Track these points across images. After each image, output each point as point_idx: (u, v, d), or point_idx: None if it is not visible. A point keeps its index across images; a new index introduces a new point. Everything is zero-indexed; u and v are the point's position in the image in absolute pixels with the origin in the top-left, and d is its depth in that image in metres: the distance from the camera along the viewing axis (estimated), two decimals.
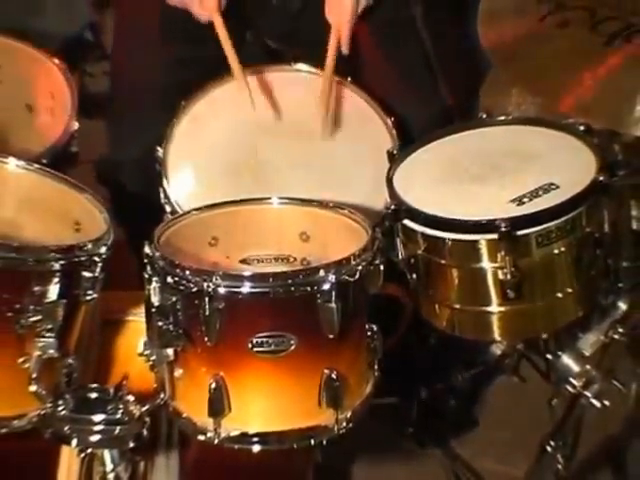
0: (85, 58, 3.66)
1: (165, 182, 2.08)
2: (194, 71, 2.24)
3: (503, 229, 1.69)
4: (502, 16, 1.88)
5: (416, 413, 2.61)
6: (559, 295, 1.80)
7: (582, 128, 1.87)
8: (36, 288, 1.55)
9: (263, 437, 1.63)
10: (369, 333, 1.69)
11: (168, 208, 2.06)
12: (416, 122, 2.24)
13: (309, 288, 1.56)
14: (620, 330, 1.95)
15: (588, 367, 2.02)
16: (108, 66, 2.91)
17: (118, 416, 1.63)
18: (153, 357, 1.63)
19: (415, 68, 2.34)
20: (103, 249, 1.66)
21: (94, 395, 1.65)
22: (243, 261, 1.81)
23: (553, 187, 1.77)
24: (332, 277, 1.56)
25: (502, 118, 2.03)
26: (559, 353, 2.05)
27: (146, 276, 1.60)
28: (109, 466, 1.74)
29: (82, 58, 3.62)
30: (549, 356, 2.08)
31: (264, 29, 2.42)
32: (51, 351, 1.55)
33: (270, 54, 2.42)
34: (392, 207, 1.83)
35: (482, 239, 1.74)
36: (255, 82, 2.19)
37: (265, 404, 1.63)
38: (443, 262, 1.80)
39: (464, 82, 2.71)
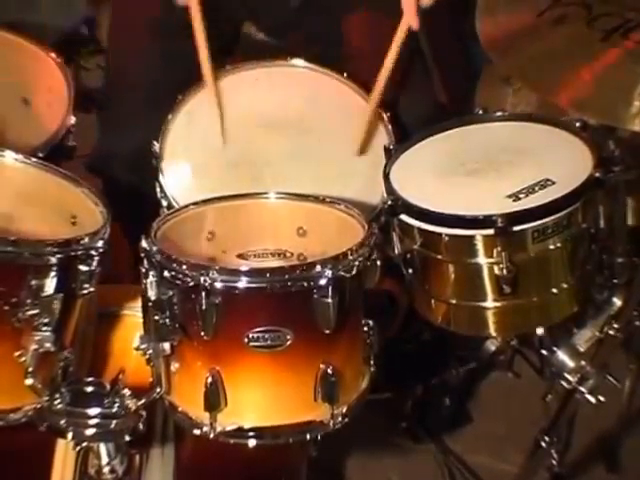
0: (80, 52, 3.66)
1: (161, 176, 2.08)
2: (191, 66, 2.23)
3: (499, 225, 1.69)
4: (499, 11, 1.88)
5: (410, 408, 2.61)
6: (554, 290, 1.80)
7: (578, 124, 1.87)
8: (33, 282, 1.55)
9: (258, 432, 1.63)
10: (365, 328, 1.69)
11: (164, 202, 2.06)
12: (413, 117, 2.24)
13: (306, 283, 1.56)
14: (615, 326, 1.95)
15: (583, 363, 2.01)
16: (103, 60, 2.91)
17: (114, 410, 1.63)
18: (149, 351, 1.63)
19: (410, 63, 2.34)
20: (100, 243, 1.66)
21: (90, 389, 1.65)
22: (240, 256, 1.81)
23: (549, 183, 1.77)
24: (329, 272, 1.56)
25: (499, 114, 2.03)
26: (554, 349, 2.04)
27: (143, 270, 1.60)
28: (105, 460, 1.74)
29: (77, 52, 3.62)
30: (544, 352, 2.08)
31: (263, 23, 2.41)
32: (48, 345, 1.55)
33: (267, 48, 2.42)
34: (389, 202, 1.83)
35: (478, 234, 1.74)
36: (251, 76, 2.19)
37: (261, 399, 1.64)
38: (439, 257, 1.80)
39: (459, 78, 2.71)
